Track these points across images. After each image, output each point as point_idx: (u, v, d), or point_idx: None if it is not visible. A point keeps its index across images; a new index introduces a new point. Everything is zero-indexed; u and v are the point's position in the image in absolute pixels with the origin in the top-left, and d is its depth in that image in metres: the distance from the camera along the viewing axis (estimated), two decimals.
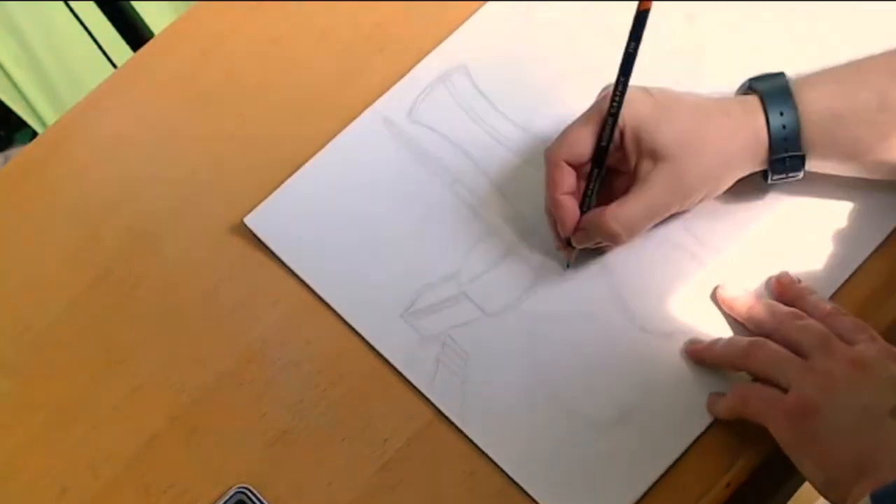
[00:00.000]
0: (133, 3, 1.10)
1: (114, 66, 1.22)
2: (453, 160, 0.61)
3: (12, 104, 1.34)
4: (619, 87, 0.52)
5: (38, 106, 1.34)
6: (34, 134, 1.37)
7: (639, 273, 0.57)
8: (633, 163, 0.54)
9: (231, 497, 0.54)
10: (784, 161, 0.53)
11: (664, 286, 0.57)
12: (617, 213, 0.53)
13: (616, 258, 0.58)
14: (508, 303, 0.58)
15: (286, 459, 0.55)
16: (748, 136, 0.52)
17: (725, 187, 0.55)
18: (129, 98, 0.67)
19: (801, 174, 0.54)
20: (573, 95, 0.61)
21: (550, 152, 0.55)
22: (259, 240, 0.61)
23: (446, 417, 0.55)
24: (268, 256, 0.61)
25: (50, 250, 0.63)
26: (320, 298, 0.59)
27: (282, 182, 0.62)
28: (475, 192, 0.60)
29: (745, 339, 0.53)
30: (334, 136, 0.63)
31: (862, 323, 0.52)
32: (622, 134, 0.53)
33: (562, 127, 0.55)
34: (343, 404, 0.56)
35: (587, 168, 0.55)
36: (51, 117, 1.35)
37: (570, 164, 0.54)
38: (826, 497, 0.47)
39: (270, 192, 0.62)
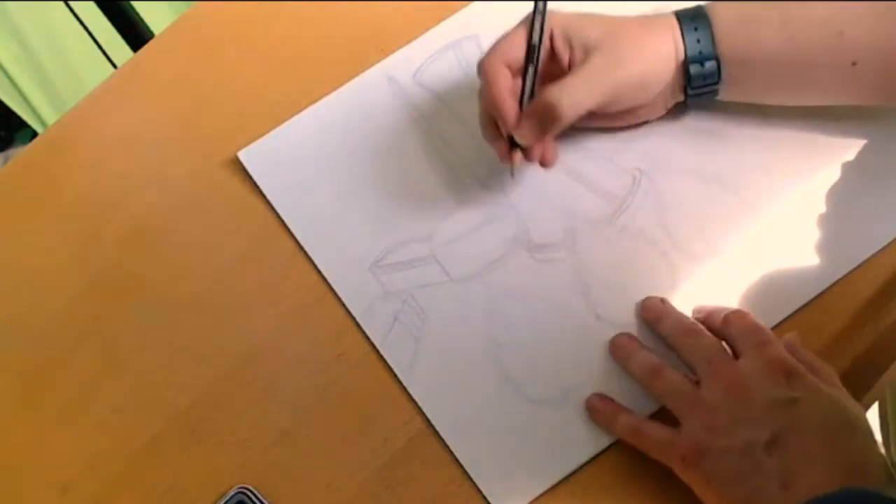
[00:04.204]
0: (133, 3, 1.10)
1: (114, 66, 1.22)
2: (448, 126, 0.62)
3: (12, 104, 1.34)
4: None
5: (38, 106, 1.34)
6: (34, 134, 1.37)
7: (606, 262, 0.58)
8: (566, 60, 0.55)
9: (231, 497, 0.54)
10: (703, 76, 0.55)
11: (628, 279, 0.57)
12: (558, 89, 0.54)
13: (587, 244, 0.58)
14: (474, 272, 0.58)
15: (286, 459, 0.55)
16: (668, 45, 0.55)
17: (656, 90, 0.56)
18: (129, 98, 0.67)
19: (717, 87, 0.56)
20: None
21: (485, 61, 0.55)
22: (257, 238, 0.61)
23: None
24: (268, 257, 0.61)
25: (50, 250, 0.63)
26: (319, 299, 0.59)
27: None
28: (464, 159, 0.61)
29: (650, 364, 0.53)
30: None
31: (755, 325, 0.52)
32: (552, 37, 0.55)
33: None
34: (343, 404, 0.56)
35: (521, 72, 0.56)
36: (51, 117, 1.35)
37: (507, 67, 0.55)
38: None
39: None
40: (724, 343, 0.52)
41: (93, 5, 1.10)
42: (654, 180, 0.59)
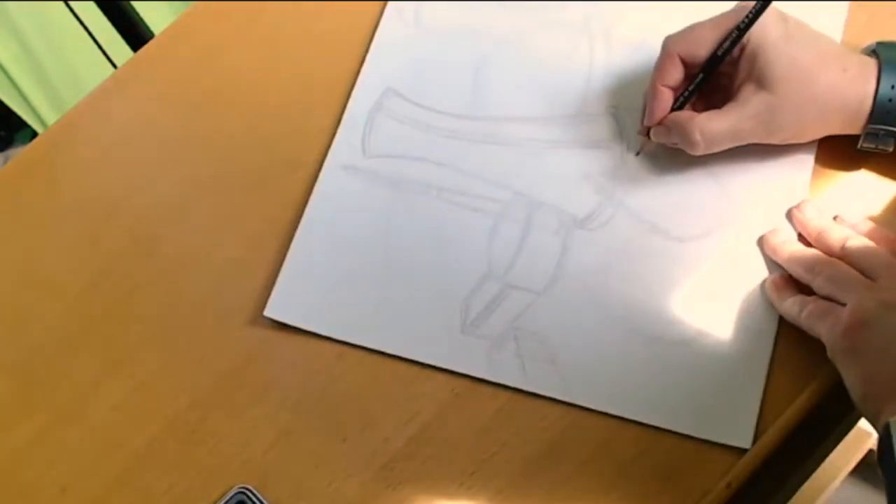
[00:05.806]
0: (133, 3, 1.10)
1: (114, 66, 1.23)
2: (426, 173, 0.61)
3: (12, 104, 1.35)
4: (757, 8, 0.52)
5: (38, 106, 1.34)
6: (34, 134, 1.37)
7: (658, 193, 0.59)
8: (739, 80, 0.55)
9: (231, 497, 0.54)
10: (878, 134, 0.54)
11: (677, 197, 0.58)
12: (703, 123, 0.54)
13: (624, 189, 0.59)
14: (551, 273, 0.58)
15: (286, 459, 0.55)
16: (854, 98, 0.53)
17: (811, 138, 0.56)
18: (129, 98, 0.67)
19: (889, 149, 0.54)
20: (494, 71, 0.63)
21: (669, 41, 0.56)
22: (256, 238, 0.61)
23: (445, 417, 0.55)
24: (267, 257, 0.60)
25: (50, 250, 0.63)
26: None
27: (280, 182, 0.62)
28: (462, 191, 0.61)
29: (814, 254, 0.53)
30: (334, 134, 0.63)
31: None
32: (742, 49, 0.54)
33: (498, 101, 0.60)
34: (343, 404, 0.56)
35: (695, 71, 0.56)
36: (51, 117, 1.35)
37: (682, 60, 0.55)
38: (861, 411, 0.48)
39: (270, 192, 0.62)
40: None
41: (93, 5, 1.10)
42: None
